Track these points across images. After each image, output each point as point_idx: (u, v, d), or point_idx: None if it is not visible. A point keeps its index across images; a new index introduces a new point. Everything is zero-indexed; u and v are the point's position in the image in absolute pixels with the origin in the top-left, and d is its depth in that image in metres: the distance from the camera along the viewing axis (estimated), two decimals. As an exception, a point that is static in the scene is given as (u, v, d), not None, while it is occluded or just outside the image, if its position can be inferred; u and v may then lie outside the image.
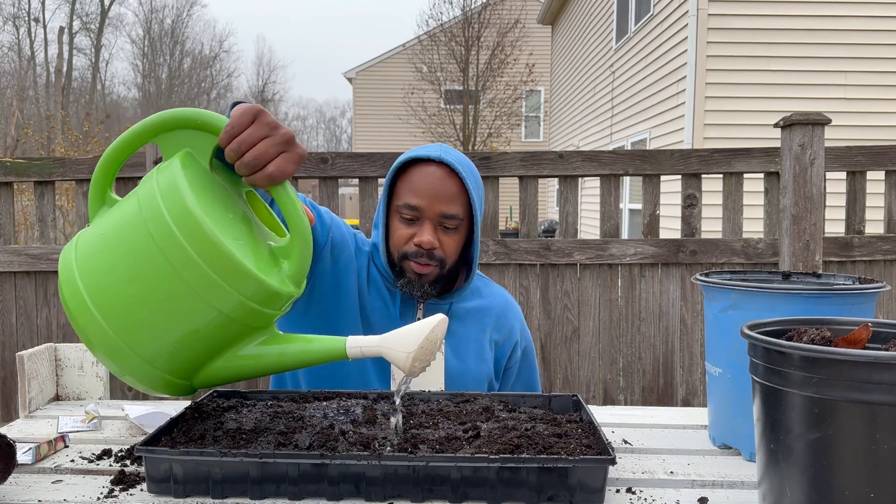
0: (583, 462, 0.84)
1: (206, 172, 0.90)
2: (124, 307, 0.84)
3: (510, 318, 1.51)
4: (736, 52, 6.84)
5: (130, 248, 0.84)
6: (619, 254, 2.80)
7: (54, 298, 2.89)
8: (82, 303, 0.85)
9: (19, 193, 7.95)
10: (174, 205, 0.83)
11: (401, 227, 1.35)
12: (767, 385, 0.74)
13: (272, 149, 0.89)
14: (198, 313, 0.84)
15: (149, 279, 0.83)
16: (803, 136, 2.75)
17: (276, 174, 0.89)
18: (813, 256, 2.76)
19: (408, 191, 1.34)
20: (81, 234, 0.91)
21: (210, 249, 0.82)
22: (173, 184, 0.84)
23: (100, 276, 0.85)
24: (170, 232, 0.82)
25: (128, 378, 0.89)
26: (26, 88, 26.10)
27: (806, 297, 0.96)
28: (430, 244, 1.32)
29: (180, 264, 0.82)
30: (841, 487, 0.68)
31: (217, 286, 0.83)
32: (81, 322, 0.85)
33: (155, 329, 0.85)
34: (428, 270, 1.34)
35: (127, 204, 0.89)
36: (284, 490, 0.85)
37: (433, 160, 1.34)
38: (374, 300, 1.40)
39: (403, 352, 0.87)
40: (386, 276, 1.41)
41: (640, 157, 2.82)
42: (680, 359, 2.84)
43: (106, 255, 0.86)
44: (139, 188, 0.89)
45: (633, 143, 9.26)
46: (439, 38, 15.95)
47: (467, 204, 1.36)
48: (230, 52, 43.97)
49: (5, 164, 2.86)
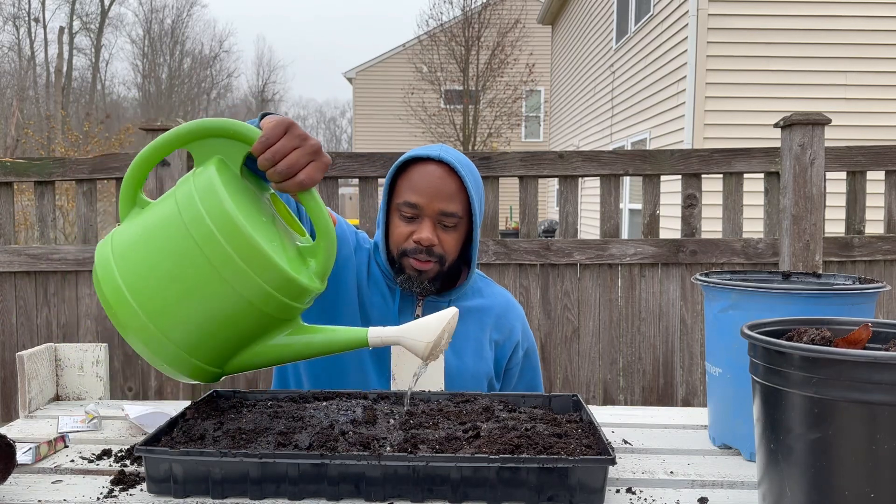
0: (583, 462, 0.84)
1: (238, 178, 0.97)
2: (164, 302, 0.90)
3: (511, 318, 1.52)
4: (736, 52, 6.84)
5: (171, 247, 0.90)
6: (619, 254, 2.80)
7: (54, 298, 2.89)
8: (122, 298, 0.90)
9: (19, 193, 7.94)
10: (213, 208, 0.89)
11: (400, 225, 1.38)
12: (767, 385, 0.74)
13: (303, 158, 0.96)
14: (233, 307, 0.91)
15: (189, 276, 0.89)
16: (803, 136, 2.75)
17: (307, 181, 0.96)
18: (813, 256, 2.76)
19: (407, 189, 1.37)
20: (116, 232, 0.97)
21: (248, 249, 0.88)
22: (211, 188, 0.91)
23: (140, 274, 0.91)
24: (210, 232, 0.88)
25: (163, 367, 0.94)
26: (26, 88, 26.10)
27: (806, 297, 0.96)
28: (428, 241, 1.35)
29: (219, 262, 0.88)
30: (841, 487, 0.68)
31: (253, 282, 0.89)
32: (121, 316, 0.91)
33: (193, 322, 0.91)
34: (427, 267, 1.37)
35: (164, 205, 0.94)
36: (284, 490, 0.85)
37: (433, 159, 1.37)
38: (373, 296, 1.42)
39: (423, 341, 0.94)
40: (386, 274, 1.43)
41: (640, 157, 2.82)
42: (680, 359, 2.84)
43: (146, 253, 0.92)
44: (176, 191, 0.94)
45: (633, 143, 9.26)
46: (439, 38, 15.94)
47: (466, 203, 1.38)
48: (230, 52, 43.97)
49: (5, 164, 2.86)
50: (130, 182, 0.97)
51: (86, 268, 2.87)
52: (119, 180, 2.87)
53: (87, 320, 2.89)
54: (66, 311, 2.89)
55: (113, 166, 2.86)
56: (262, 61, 51.14)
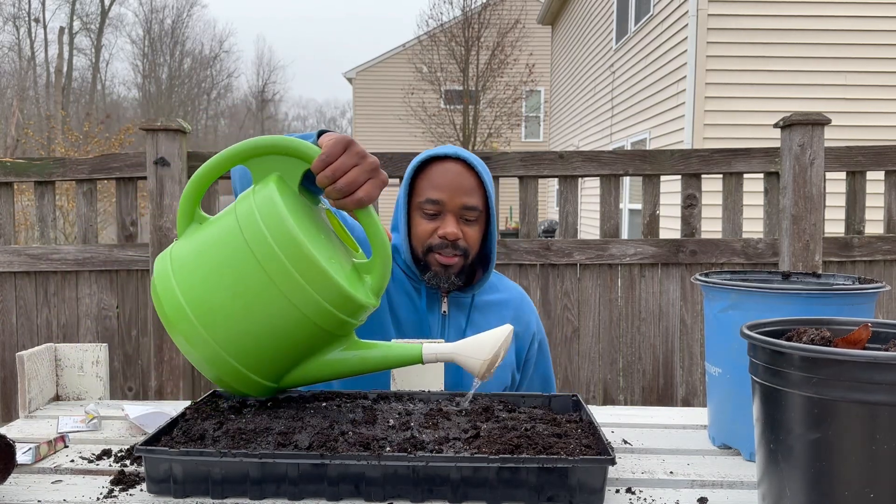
0: (583, 462, 0.83)
1: (297, 195, 0.98)
2: (224, 317, 0.91)
3: (526, 310, 1.57)
4: (736, 53, 6.84)
5: (231, 263, 0.92)
6: (619, 254, 2.80)
7: (54, 298, 2.89)
8: (182, 312, 0.91)
9: (19, 193, 7.94)
10: (274, 226, 0.90)
11: (423, 223, 1.42)
12: (767, 385, 0.74)
13: (361, 176, 0.98)
14: (291, 323, 0.92)
15: (249, 292, 0.91)
16: (803, 137, 2.75)
17: (365, 199, 0.98)
18: (813, 256, 2.76)
19: (429, 187, 1.41)
20: (174, 247, 0.98)
21: (308, 266, 0.90)
22: (272, 206, 0.91)
23: (200, 289, 0.92)
24: (270, 250, 0.89)
25: (220, 381, 0.95)
26: (26, 88, 26.10)
27: (806, 297, 0.96)
28: (454, 235, 1.39)
29: (279, 279, 0.89)
30: (841, 487, 0.68)
31: (311, 298, 0.90)
32: (183, 331, 0.92)
33: (251, 337, 0.92)
34: (453, 261, 1.41)
35: (224, 222, 0.95)
36: (284, 490, 0.85)
37: (450, 157, 1.42)
38: (399, 296, 1.45)
39: (479, 359, 0.96)
40: (410, 273, 1.46)
41: (640, 157, 2.82)
42: (680, 359, 2.84)
43: (206, 269, 0.93)
44: (236, 207, 0.95)
45: (633, 143, 9.26)
46: (439, 38, 15.95)
47: (484, 197, 1.43)
48: (230, 52, 43.95)
49: (5, 164, 2.86)
50: (189, 198, 0.99)
51: (86, 268, 2.87)
52: (119, 180, 2.87)
53: (87, 320, 2.89)
54: (66, 311, 2.89)
55: (113, 166, 2.86)
56: (262, 61, 51.19)
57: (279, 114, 42.40)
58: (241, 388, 0.97)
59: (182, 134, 2.81)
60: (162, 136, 2.78)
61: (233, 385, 0.96)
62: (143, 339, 2.90)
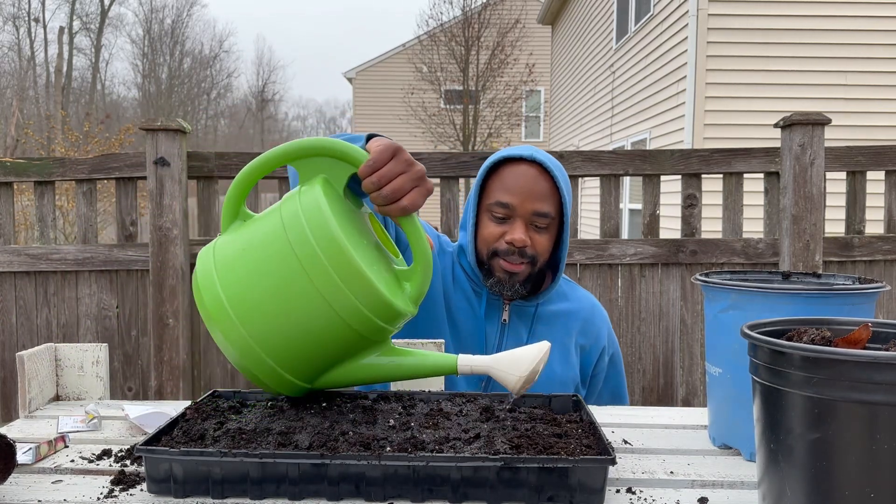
0: (583, 462, 0.83)
1: (342, 199, 0.98)
2: (263, 316, 0.91)
3: (597, 322, 1.49)
4: (736, 52, 6.84)
5: (273, 263, 0.92)
6: (619, 254, 2.80)
7: (54, 298, 2.89)
8: (223, 310, 0.92)
9: (19, 193, 7.95)
10: (319, 229, 0.90)
11: (491, 226, 1.36)
12: (767, 385, 0.74)
13: (408, 184, 0.97)
14: (329, 325, 0.92)
15: (289, 293, 0.91)
16: (803, 136, 2.75)
17: (410, 207, 0.97)
18: (813, 256, 2.76)
19: (500, 189, 1.35)
20: (218, 243, 0.98)
21: (349, 271, 0.90)
22: (318, 209, 0.92)
23: (241, 286, 0.92)
24: (313, 252, 0.90)
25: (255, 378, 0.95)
26: (26, 88, 26.10)
27: (806, 297, 0.96)
28: (522, 242, 1.33)
29: (320, 281, 0.90)
30: (841, 487, 0.68)
31: (350, 303, 0.91)
32: (221, 327, 0.92)
33: (288, 336, 0.92)
34: (519, 269, 1.35)
35: (268, 221, 0.95)
36: (284, 490, 0.85)
37: (525, 159, 1.36)
38: (459, 300, 1.41)
39: (515, 374, 0.95)
40: (472, 277, 1.41)
41: (640, 157, 2.82)
42: (680, 359, 2.84)
43: (248, 267, 0.93)
44: (281, 207, 0.95)
45: (633, 143, 9.26)
46: (439, 38, 15.95)
47: (558, 203, 1.36)
48: (230, 52, 43.94)
49: (5, 164, 2.86)
50: (234, 195, 0.99)
51: (86, 268, 2.87)
52: (119, 180, 2.88)
53: (87, 320, 2.89)
54: (66, 311, 2.89)
55: (113, 166, 2.86)
56: (262, 61, 51.19)
57: (279, 114, 42.42)
58: (275, 387, 0.97)
59: (182, 134, 2.81)
60: (162, 136, 2.78)
61: (267, 383, 0.96)
62: (143, 339, 2.90)
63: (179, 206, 2.81)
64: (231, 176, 2.85)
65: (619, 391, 1.53)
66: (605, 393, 1.51)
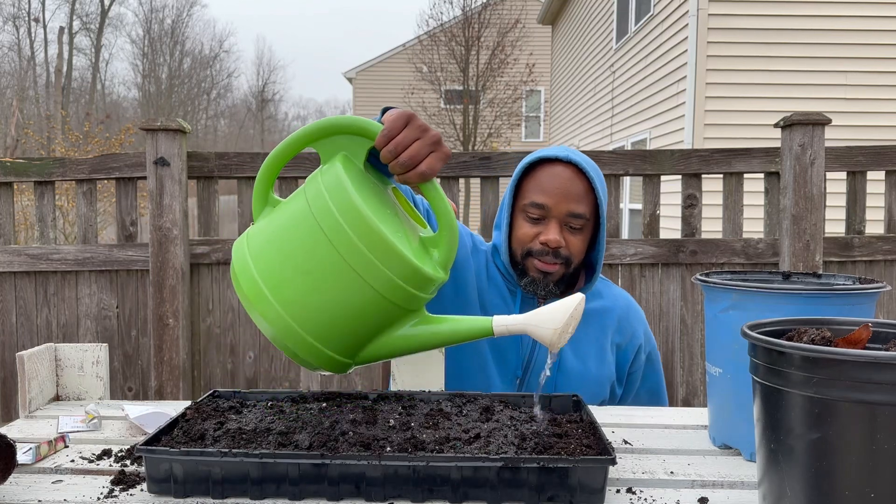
0: (583, 462, 0.83)
1: (362, 173, 1.00)
2: (298, 295, 0.93)
3: (633, 321, 1.49)
4: (736, 52, 6.84)
5: (302, 242, 0.94)
6: (619, 254, 2.80)
7: (54, 298, 2.89)
8: (260, 292, 0.93)
9: (19, 193, 7.95)
10: (341, 203, 0.92)
11: (525, 226, 1.37)
12: (767, 385, 0.74)
13: (424, 149, 0.97)
14: (362, 297, 0.93)
15: (320, 269, 0.93)
16: (803, 136, 2.75)
17: (428, 172, 0.97)
18: (813, 256, 2.76)
19: (535, 189, 1.36)
20: (251, 231, 1.00)
21: (374, 240, 0.91)
22: (339, 183, 0.94)
23: (275, 269, 0.94)
24: (338, 225, 0.91)
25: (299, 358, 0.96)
26: (26, 88, 26.10)
27: (806, 297, 0.96)
28: (556, 243, 1.33)
29: (348, 254, 0.91)
30: (841, 487, 0.68)
31: (380, 272, 0.92)
32: (260, 309, 0.94)
33: (325, 313, 0.94)
34: (553, 269, 1.36)
35: (295, 203, 0.98)
36: (285, 490, 0.85)
37: (560, 160, 1.36)
38: (493, 297, 1.41)
39: (549, 328, 0.94)
40: (507, 276, 1.42)
41: (640, 157, 2.82)
42: (680, 359, 2.84)
43: (279, 249, 0.95)
44: (305, 188, 0.97)
45: (633, 143, 9.26)
46: (439, 38, 15.95)
47: (594, 204, 1.37)
48: (230, 52, 43.90)
49: (5, 164, 2.86)
50: (262, 182, 1.01)
51: (86, 268, 2.87)
52: (119, 180, 2.88)
53: (87, 320, 2.89)
54: (66, 311, 2.89)
55: (113, 166, 2.86)
56: (262, 61, 51.08)
57: (279, 114, 42.37)
58: (318, 364, 0.98)
59: (182, 134, 2.81)
60: (162, 136, 2.78)
61: (309, 361, 0.97)
62: (143, 339, 2.90)
63: (179, 206, 2.81)
64: (231, 176, 2.85)
65: (657, 389, 1.52)
66: (642, 392, 1.50)
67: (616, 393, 1.46)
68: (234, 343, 2.91)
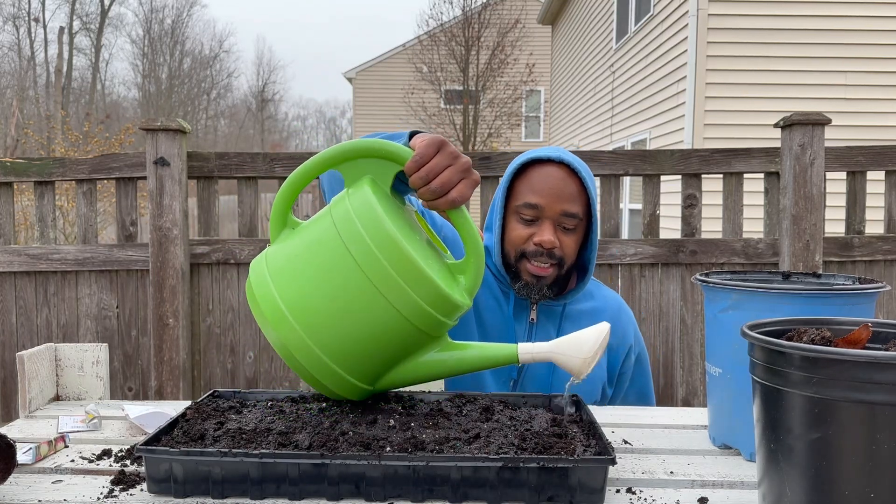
0: (583, 462, 0.84)
1: (389, 197, 0.98)
2: (324, 320, 0.91)
3: (624, 322, 1.50)
4: (736, 52, 6.84)
5: (330, 266, 0.92)
6: (619, 254, 2.80)
7: (54, 298, 2.89)
8: (281, 316, 0.92)
9: (19, 193, 7.94)
10: (372, 228, 0.90)
11: (518, 227, 1.37)
12: (767, 385, 0.74)
13: (455, 176, 0.96)
14: (389, 324, 0.92)
15: (348, 294, 0.91)
16: (803, 136, 2.75)
17: (458, 199, 0.97)
18: (813, 256, 2.76)
19: (528, 190, 1.35)
20: (269, 252, 0.99)
21: (407, 267, 0.90)
22: (369, 208, 0.92)
23: (298, 292, 0.92)
24: (369, 251, 0.90)
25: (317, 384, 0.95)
26: (26, 88, 26.10)
27: (806, 297, 0.96)
28: (550, 243, 1.33)
29: (378, 280, 0.90)
30: (841, 487, 0.68)
31: (410, 299, 0.91)
32: (282, 334, 0.92)
33: (350, 338, 0.92)
34: (547, 272, 1.36)
35: (320, 225, 0.96)
36: (285, 490, 0.85)
37: (553, 160, 1.36)
38: (487, 299, 1.41)
39: (579, 357, 0.95)
40: (499, 278, 1.42)
41: (640, 157, 2.82)
42: (680, 359, 2.84)
43: (304, 272, 0.93)
44: (332, 210, 0.96)
45: (633, 143, 9.26)
46: (439, 38, 15.95)
47: (586, 204, 1.37)
48: (230, 52, 43.93)
49: (5, 164, 2.86)
50: (281, 204, 0.99)
51: (85, 268, 2.87)
52: (119, 180, 2.88)
53: (87, 320, 2.89)
54: (66, 311, 2.90)
55: (113, 166, 2.86)
56: (262, 61, 51.15)
57: (279, 114, 42.38)
58: (338, 391, 0.97)
59: (182, 134, 2.81)
60: (162, 136, 2.78)
61: (330, 387, 0.96)
62: (143, 339, 2.90)
63: (179, 206, 2.81)
64: (231, 176, 2.85)
65: (645, 391, 1.53)
66: (630, 393, 1.50)
67: (607, 394, 1.46)
68: (234, 343, 2.91)
